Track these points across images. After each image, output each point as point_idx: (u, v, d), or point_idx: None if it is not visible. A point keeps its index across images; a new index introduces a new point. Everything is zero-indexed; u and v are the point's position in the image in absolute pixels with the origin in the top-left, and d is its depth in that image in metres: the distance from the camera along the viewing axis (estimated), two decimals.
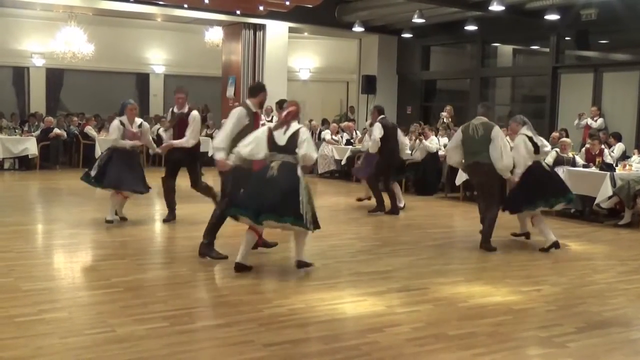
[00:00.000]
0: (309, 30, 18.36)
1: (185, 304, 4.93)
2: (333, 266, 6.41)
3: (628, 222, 9.16)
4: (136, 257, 6.42)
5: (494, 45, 17.25)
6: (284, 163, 5.84)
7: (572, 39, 14.91)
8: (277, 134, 5.93)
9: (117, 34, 18.69)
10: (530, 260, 6.95)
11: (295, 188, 5.74)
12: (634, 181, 9.02)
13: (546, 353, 4.19)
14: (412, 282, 5.81)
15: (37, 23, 18.05)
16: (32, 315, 4.52)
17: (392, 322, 4.65)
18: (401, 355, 4.05)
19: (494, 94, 17.71)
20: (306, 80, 21.16)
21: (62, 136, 14.92)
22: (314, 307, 4.94)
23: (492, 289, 5.65)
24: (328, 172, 14.54)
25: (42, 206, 10.29)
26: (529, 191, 7.32)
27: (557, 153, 10.09)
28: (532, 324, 4.76)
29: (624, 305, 5.37)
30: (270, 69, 16.34)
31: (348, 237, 7.90)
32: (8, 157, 14.22)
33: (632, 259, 7.15)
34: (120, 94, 19.04)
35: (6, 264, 5.94)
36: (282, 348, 4.08)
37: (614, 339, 4.48)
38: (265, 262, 6.37)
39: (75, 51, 16.04)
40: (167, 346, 4.03)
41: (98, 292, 5.24)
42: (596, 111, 13.19)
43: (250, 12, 15.34)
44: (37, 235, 7.92)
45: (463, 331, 4.51)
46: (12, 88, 19.10)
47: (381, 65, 18.15)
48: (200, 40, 18.01)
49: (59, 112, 18.00)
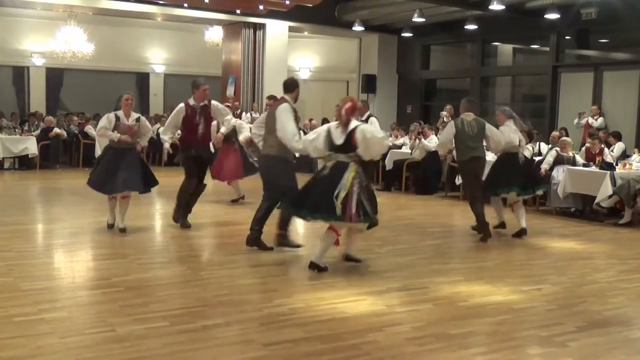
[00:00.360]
0: (309, 30, 18.36)
1: (185, 304, 4.92)
2: (333, 265, 6.41)
3: (628, 221, 9.15)
4: (136, 257, 6.42)
5: (494, 44, 17.25)
6: (338, 163, 5.86)
7: (572, 38, 14.91)
8: (336, 133, 5.93)
9: (117, 33, 18.69)
10: (530, 259, 6.94)
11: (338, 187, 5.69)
12: (634, 180, 9.02)
13: (547, 352, 4.18)
14: (413, 281, 5.80)
15: (37, 22, 18.05)
16: (31, 315, 4.51)
17: (392, 321, 4.64)
18: (401, 355, 4.04)
19: (494, 93, 17.71)
20: (306, 80, 21.15)
21: (62, 136, 14.91)
22: (314, 306, 4.93)
23: (492, 288, 5.65)
24: None
25: (42, 206, 10.29)
26: (506, 175, 7.93)
27: (557, 152, 10.08)
28: (532, 323, 4.75)
29: (624, 304, 5.37)
30: (270, 68, 16.33)
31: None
32: (8, 157, 14.21)
33: (633, 258, 7.15)
34: (120, 94, 19.11)
35: (6, 264, 5.93)
36: (282, 347, 4.08)
37: (615, 338, 4.48)
38: (266, 262, 6.36)
39: (75, 50, 16.06)
40: (167, 345, 4.03)
41: (98, 292, 5.23)
42: (596, 110, 13.19)
43: (250, 11, 15.35)
44: (37, 234, 7.92)
45: (463, 330, 4.51)
46: (12, 87, 19.12)
47: (381, 64, 18.15)
48: (200, 40, 18.02)
49: (59, 111, 18.00)
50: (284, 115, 6.47)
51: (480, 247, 7.43)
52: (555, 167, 9.95)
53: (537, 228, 8.85)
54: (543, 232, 8.58)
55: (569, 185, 9.54)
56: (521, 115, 16.37)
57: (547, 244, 7.81)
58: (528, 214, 10.03)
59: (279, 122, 6.45)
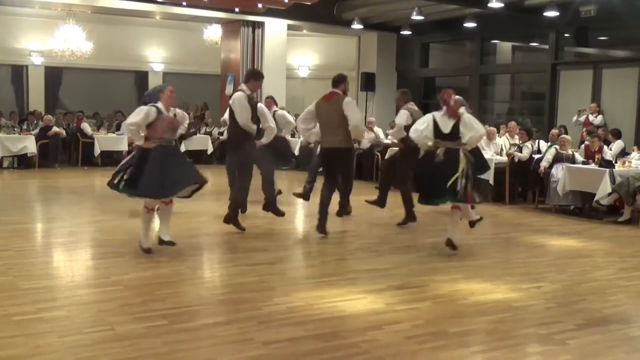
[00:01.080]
0: (307, 28, 18.33)
1: (184, 302, 4.92)
2: (332, 263, 6.42)
3: (627, 219, 9.16)
4: (135, 255, 6.40)
5: (493, 42, 17.21)
6: (448, 150, 6.58)
7: (571, 35, 14.89)
8: (442, 122, 6.65)
9: (115, 31, 18.65)
10: (529, 257, 6.94)
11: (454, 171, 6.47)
12: (633, 178, 9.02)
13: (546, 350, 4.18)
14: (412, 279, 5.80)
15: (35, 21, 18.01)
16: (31, 314, 4.51)
17: (391, 319, 4.64)
18: (400, 353, 4.04)
19: (493, 90, 17.69)
20: (305, 78, 21.13)
21: (61, 134, 14.92)
22: (313, 304, 4.93)
23: (491, 286, 5.65)
24: None
25: (41, 204, 10.28)
26: None
27: (557, 150, 10.08)
28: (531, 321, 4.75)
29: (624, 302, 5.37)
30: (269, 66, 16.30)
31: (348, 234, 7.89)
32: (7, 156, 14.22)
33: (632, 256, 7.15)
34: (119, 92, 19.11)
35: (5, 263, 5.93)
36: (281, 346, 4.07)
37: (614, 336, 4.48)
38: (264, 260, 6.36)
39: (73, 49, 16.03)
40: (166, 344, 4.03)
41: (97, 291, 5.23)
42: (595, 108, 13.18)
43: (249, 9, 15.32)
44: (36, 233, 7.91)
45: (462, 328, 4.51)
46: (11, 86, 19.07)
47: (380, 62, 18.13)
48: (199, 38, 18.00)
49: (57, 110, 17.98)
50: (353, 108, 7.22)
51: (479, 245, 7.43)
52: (555, 165, 9.95)
53: (537, 226, 8.87)
54: (542, 230, 8.59)
55: (569, 183, 9.54)
56: (520, 112, 16.36)
57: (547, 242, 7.81)
58: (528, 212, 10.06)
59: (353, 113, 7.17)
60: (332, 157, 7.37)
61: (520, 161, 10.75)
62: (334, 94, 7.30)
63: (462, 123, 6.59)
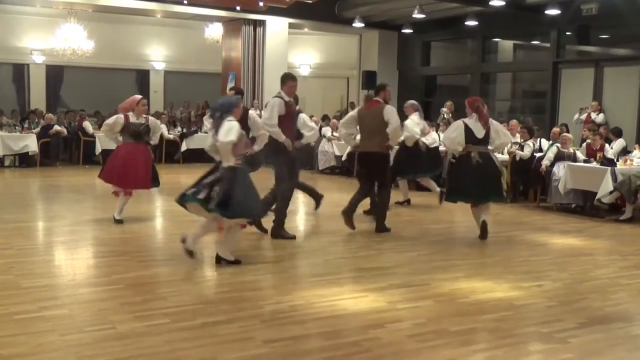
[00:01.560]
0: (309, 26, 18.33)
1: (185, 301, 4.92)
2: (334, 262, 6.41)
3: (629, 217, 9.14)
4: (137, 254, 6.42)
5: (494, 40, 17.20)
6: (482, 154, 7.21)
7: (572, 33, 14.87)
8: (475, 127, 7.20)
9: (117, 30, 18.67)
10: (531, 255, 6.93)
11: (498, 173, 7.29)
12: (635, 176, 9.00)
13: (547, 349, 4.18)
14: (413, 278, 5.80)
15: (36, 20, 18.03)
16: (32, 313, 4.51)
17: (393, 318, 4.64)
18: (402, 352, 4.04)
19: (494, 89, 17.68)
20: (306, 76, 21.13)
21: (62, 133, 14.92)
22: (315, 303, 4.93)
23: (493, 285, 5.64)
24: (328, 168, 14.53)
25: (42, 203, 10.28)
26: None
27: (558, 148, 10.06)
28: (533, 320, 4.75)
29: (625, 300, 5.37)
30: (271, 65, 16.31)
31: (349, 233, 7.89)
32: (8, 154, 14.20)
33: (634, 254, 7.14)
34: (121, 91, 19.08)
35: (6, 261, 5.93)
36: (282, 344, 4.07)
37: (616, 335, 4.47)
38: (265, 259, 6.36)
39: (75, 48, 16.05)
40: (167, 343, 4.03)
41: (98, 289, 5.23)
42: (597, 106, 13.16)
43: (250, 8, 15.33)
44: (38, 232, 7.91)
45: (464, 327, 4.51)
46: (12, 85, 19.10)
47: (381, 60, 18.12)
48: (200, 37, 18.00)
49: (59, 108, 17.99)
50: (394, 114, 7.55)
51: (481, 243, 7.42)
52: (556, 164, 9.93)
53: (538, 224, 8.86)
54: (544, 228, 8.58)
55: (570, 182, 9.53)
56: (522, 111, 16.34)
57: (548, 240, 7.80)
58: (529, 210, 10.06)
59: (394, 118, 7.51)
60: (369, 160, 7.81)
61: (522, 159, 10.73)
62: (375, 102, 7.73)
63: (493, 129, 7.29)
